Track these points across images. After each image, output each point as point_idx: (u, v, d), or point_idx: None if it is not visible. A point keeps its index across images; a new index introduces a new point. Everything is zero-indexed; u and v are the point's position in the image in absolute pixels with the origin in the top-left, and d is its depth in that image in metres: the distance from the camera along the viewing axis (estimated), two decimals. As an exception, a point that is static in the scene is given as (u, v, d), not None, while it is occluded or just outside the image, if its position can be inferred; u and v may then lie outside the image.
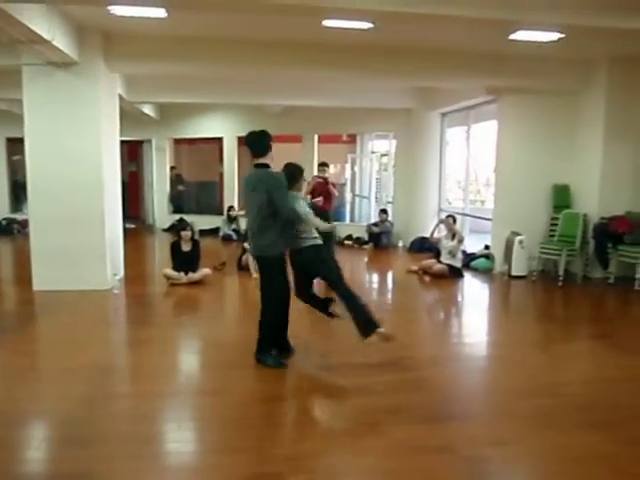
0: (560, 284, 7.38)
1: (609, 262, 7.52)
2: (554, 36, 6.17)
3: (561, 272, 7.48)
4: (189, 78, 9.32)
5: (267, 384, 4.10)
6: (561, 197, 8.06)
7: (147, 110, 11.95)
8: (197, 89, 9.76)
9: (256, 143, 4.42)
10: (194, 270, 7.35)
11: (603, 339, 5.40)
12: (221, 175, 13.76)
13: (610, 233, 7.35)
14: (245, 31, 6.51)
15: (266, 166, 4.38)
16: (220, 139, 13.38)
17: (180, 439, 3.34)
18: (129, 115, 10.48)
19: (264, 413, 3.62)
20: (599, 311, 6.80)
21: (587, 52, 7.40)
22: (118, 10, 5.39)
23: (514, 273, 7.91)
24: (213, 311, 6.60)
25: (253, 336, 5.15)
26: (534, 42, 6.38)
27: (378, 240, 10.88)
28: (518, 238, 7.85)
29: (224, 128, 13.17)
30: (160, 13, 5.50)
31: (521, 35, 6.14)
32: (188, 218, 11.50)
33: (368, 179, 13.27)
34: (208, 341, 5.20)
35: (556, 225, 7.94)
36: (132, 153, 14.91)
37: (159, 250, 11.41)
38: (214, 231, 12.41)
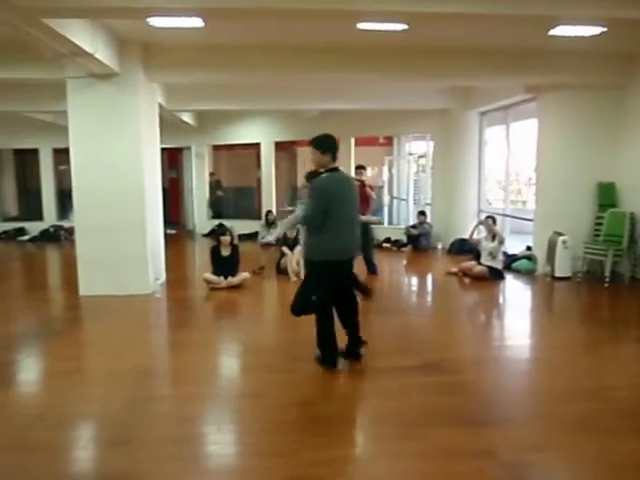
0: (606, 285, 7.15)
1: (658, 262, 7.25)
2: (596, 30, 5.99)
3: (607, 273, 7.25)
4: (226, 85, 9.47)
5: (306, 387, 4.11)
6: (606, 195, 7.82)
7: (186, 118, 12.19)
8: (234, 96, 9.91)
9: (335, 146, 4.37)
10: (233, 274, 7.44)
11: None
12: (259, 180, 13.91)
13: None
14: (280, 37, 6.57)
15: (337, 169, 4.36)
16: (257, 144, 13.53)
17: (219, 441, 3.38)
18: (169, 123, 10.71)
19: (302, 416, 3.63)
20: (648, 313, 6.57)
21: (631, 45, 7.16)
22: (156, 22, 5.52)
23: (557, 274, 7.70)
24: (252, 315, 6.66)
25: (291, 339, 5.22)
26: (575, 37, 6.22)
27: (417, 242, 10.78)
28: (561, 238, 7.64)
29: (261, 134, 13.31)
30: (197, 23, 5.59)
31: (561, 30, 5.98)
32: (227, 223, 11.73)
33: (406, 181, 13.16)
34: (247, 344, 5.25)
35: (601, 224, 7.69)
36: (172, 160, 15.24)
37: (199, 255, 11.61)
38: (253, 235, 12.54)
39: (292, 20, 5.76)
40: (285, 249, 8.19)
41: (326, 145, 4.27)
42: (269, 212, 12.54)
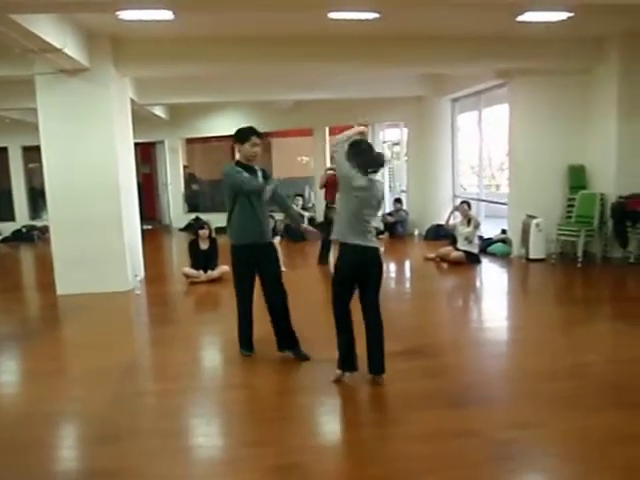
0: (579, 265, 7.34)
1: (628, 241, 7.45)
2: (563, 15, 6.10)
3: (580, 253, 7.43)
4: (198, 78, 9.39)
5: (290, 377, 4.16)
6: (577, 178, 7.99)
7: (158, 112, 12.05)
8: (206, 88, 9.82)
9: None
10: (213, 268, 7.43)
11: (625, 319, 5.37)
12: (234, 172, 13.82)
13: (629, 212, 7.28)
14: (252, 28, 6.52)
15: None
16: (231, 137, 13.41)
17: (207, 433, 3.41)
18: (141, 117, 10.57)
19: (287, 405, 3.68)
20: (620, 291, 6.76)
21: (598, 29, 7.29)
22: (126, 15, 5.45)
23: (532, 256, 7.87)
24: (233, 307, 6.60)
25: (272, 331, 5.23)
26: (543, 22, 6.32)
27: (394, 229, 10.89)
28: (535, 221, 7.80)
29: (235, 125, 13.02)
30: (167, 15, 5.54)
31: (529, 16, 6.08)
32: (204, 216, 11.67)
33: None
34: (230, 337, 5.25)
35: (573, 206, 7.88)
36: (145, 155, 15.05)
37: (177, 249, 11.54)
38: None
39: (263, 11, 5.73)
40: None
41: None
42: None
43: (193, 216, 12.76)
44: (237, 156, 4.43)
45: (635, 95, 7.47)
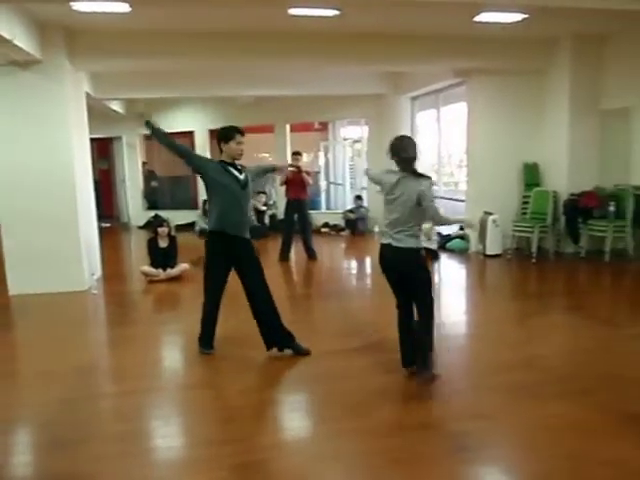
0: (534, 261, 7.55)
1: (580, 237, 7.70)
2: (518, 16, 6.26)
3: (534, 249, 7.64)
4: (157, 72, 9.23)
5: (251, 374, 4.15)
6: (531, 175, 8.22)
7: (115, 106, 11.78)
8: (166, 83, 9.66)
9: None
10: (172, 266, 7.33)
11: (577, 311, 5.56)
12: (194, 169, 13.64)
13: (580, 208, 7.53)
14: (210, 23, 6.46)
15: None
16: (191, 133, 13.27)
17: (167, 434, 3.36)
18: (97, 112, 10.33)
19: (248, 403, 3.66)
20: (572, 284, 6.98)
21: (551, 31, 7.51)
22: (81, 6, 5.31)
23: (489, 252, 8.05)
24: (194, 305, 6.51)
25: (235, 327, 5.23)
26: (499, 23, 6.46)
27: (355, 226, 10.96)
28: (491, 217, 7.98)
29: (195, 121, 13.07)
30: (123, 8, 5.43)
31: (485, 17, 6.21)
32: (163, 214, 11.48)
33: (342, 166, 13.30)
34: (190, 335, 5.17)
35: (528, 203, 8.10)
36: (102, 151, 14.69)
37: (135, 247, 11.33)
38: (190, 225, 12.36)
39: (222, 5, 5.68)
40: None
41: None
42: (206, 201, 12.34)
43: (152, 213, 12.54)
44: (222, 156, 4.38)
45: (585, 96, 7.73)
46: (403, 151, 3.75)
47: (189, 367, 4.50)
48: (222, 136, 4.35)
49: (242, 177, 4.35)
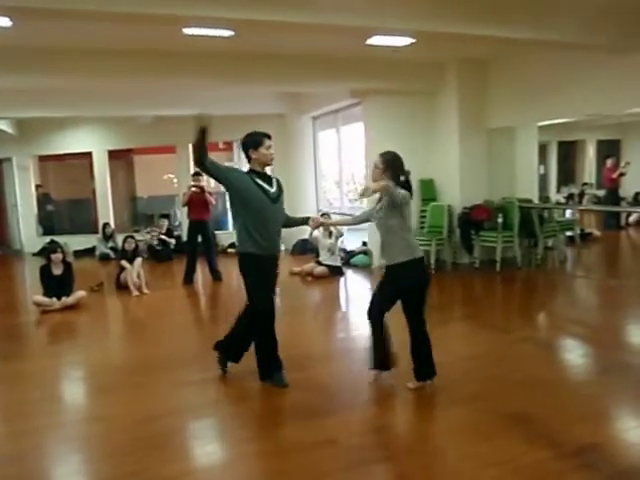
0: (432, 272, 7.88)
1: (473, 248, 8.16)
2: (407, 41, 6.57)
3: (432, 261, 7.99)
4: (49, 90, 8.78)
5: (153, 403, 3.99)
6: (427, 190, 8.61)
7: (4, 126, 11.09)
8: (59, 102, 9.26)
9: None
10: (68, 294, 6.95)
11: (472, 319, 5.87)
12: (94, 192, 13.10)
13: (472, 221, 7.98)
14: (103, 40, 6.27)
15: None
16: (89, 154, 12.74)
17: (61, 474, 3.17)
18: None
19: (149, 433, 3.52)
20: (467, 294, 7.36)
21: (439, 55, 7.97)
22: (-46, 21, 4.98)
23: (391, 266, 8.30)
24: (91, 335, 6.27)
25: (135, 356, 5.05)
26: (389, 47, 6.76)
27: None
28: (392, 233, 8.25)
29: (92, 142, 12.55)
30: (4, 22, 5.14)
31: (377, 40, 6.46)
32: (61, 239, 10.92)
33: (248, 185, 13.25)
34: (90, 366, 4.96)
35: (425, 217, 8.47)
36: (-11, 174, 13.75)
37: (29, 276, 10.63)
38: (90, 250, 11.82)
39: (113, 23, 5.52)
40: (124, 262, 7.84)
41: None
42: (106, 224, 11.90)
43: (48, 239, 11.86)
44: (250, 165, 4.14)
45: (472, 115, 8.26)
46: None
47: (87, 400, 4.31)
48: (251, 143, 4.10)
49: (273, 190, 4.09)
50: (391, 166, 3.96)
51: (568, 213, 10.62)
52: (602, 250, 10.48)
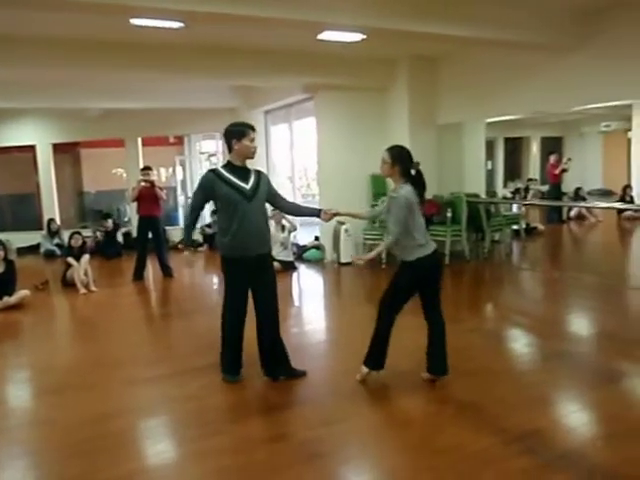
0: (383, 267, 7.98)
1: (424, 242, 8.29)
2: (357, 37, 6.61)
3: (384, 255, 8.07)
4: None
5: (100, 404, 3.89)
6: (378, 185, 8.70)
7: (-62, 118, 10.57)
8: (2, 92, 8.85)
9: None
10: (10, 293, 6.70)
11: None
12: (38, 186, 12.64)
13: (423, 215, 8.10)
14: (51, 29, 6.06)
15: None
16: (32, 147, 12.27)
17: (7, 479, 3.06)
18: None
19: (97, 435, 3.43)
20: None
21: (389, 52, 8.06)
22: None
23: (343, 260, 8.39)
24: (38, 335, 6.06)
25: (88, 355, 4.93)
26: (340, 42, 6.79)
27: (213, 241, 10.81)
28: (344, 227, 8.34)
29: (36, 135, 12.09)
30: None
31: (328, 35, 6.48)
32: (2, 236, 10.45)
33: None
34: (35, 367, 4.80)
35: (376, 212, 8.57)
36: None
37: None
38: (35, 247, 11.41)
39: (57, 11, 5.34)
40: (71, 260, 7.62)
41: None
42: (51, 220, 11.51)
43: (-12, 236, 11.38)
44: (229, 157, 3.98)
45: (422, 112, 8.40)
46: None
47: (32, 402, 4.16)
48: (235, 134, 3.91)
49: (248, 186, 3.87)
50: (399, 160, 3.82)
51: (514, 207, 10.97)
52: (546, 243, 10.87)
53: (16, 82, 8.63)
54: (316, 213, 4.24)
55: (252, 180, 3.93)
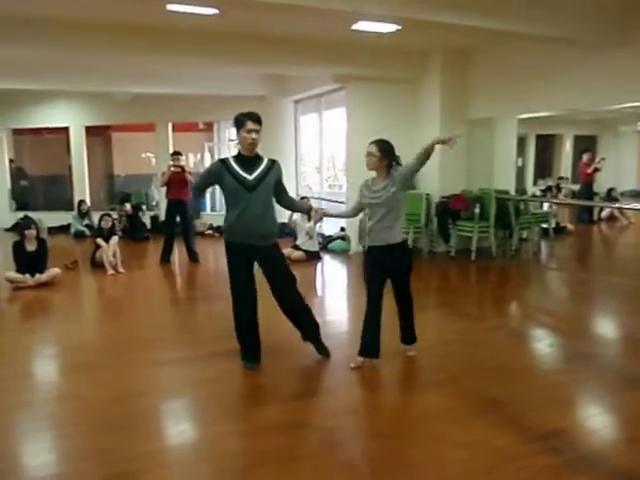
0: (409, 259, 7.96)
1: (450, 237, 8.25)
2: (392, 27, 6.56)
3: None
4: (27, 62, 8.59)
5: (124, 383, 3.98)
6: (406, 178, 8.65)
7: (-24, 98, 10.83)
8: (38, 75, 9.06)
9: None
10: (42, 271, 6.87)
11: (447, 307, 5.95)
12: (70, 168, 12.89)
13: (449, 210, 8.07)
14: (88, 13, 6.15)
15: None
16: (66, 129, 12.50)
17: (35, 450, 3.15)
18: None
19: (120, 413, 3.52)
20: (442, 282, 7.45)
21: (423, 44, 7.98)
22: None
23: (368, 252, 8.36)
24: (67, 313, 6.21)
25: (111, 335, 5.03)
26: (375, 32, 6.74)
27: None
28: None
29: (70, 117, 12.32)
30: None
31: (362, 25, 6.44)
32: (35, 215, 10.74)
33: (228, 167, 13.17)
34: (64, 345, 4.93)
35: (404, 205, 8.53)
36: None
37: (1, 252, 10.44)
38: (65, 228, 11.65)
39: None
40: (100, 241, 7.76)
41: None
42: (82, 202, 11.73)
43: (22, 215, 11.65)
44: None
45: (454, 105, 8.31)
46: None
47: (60, 378, 4.29)
48: (236, 123, 3.96)
49: (251, 177, 3.91)
50: (387, 153, 4.07)
51: (545, 206, 10.80)
52: (575, 243, 10.69)
53: (52, 64, 8.80)
54: (306, 210, 4.57)
55: (258, 170, 3.95)
